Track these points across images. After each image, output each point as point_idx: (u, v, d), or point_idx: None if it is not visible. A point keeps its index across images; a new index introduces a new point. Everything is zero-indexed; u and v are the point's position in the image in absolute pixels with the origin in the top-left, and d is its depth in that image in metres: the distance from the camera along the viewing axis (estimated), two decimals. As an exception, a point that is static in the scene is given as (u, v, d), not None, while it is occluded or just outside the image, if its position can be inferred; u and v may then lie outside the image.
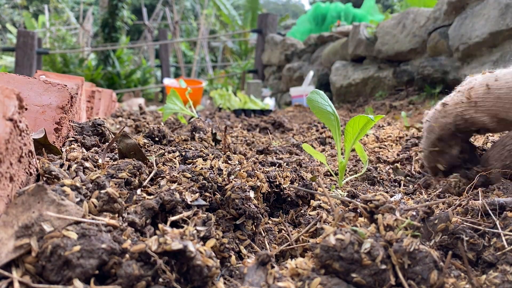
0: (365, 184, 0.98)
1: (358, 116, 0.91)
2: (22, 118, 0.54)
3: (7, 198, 0.49)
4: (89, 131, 1.00)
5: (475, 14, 2.73)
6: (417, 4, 4.24)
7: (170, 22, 11.10)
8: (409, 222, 0.55)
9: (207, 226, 0.59)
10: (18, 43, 5.54)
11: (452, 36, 2.94)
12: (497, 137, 1.20)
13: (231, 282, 0.54)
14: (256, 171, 0.79)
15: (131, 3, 11.08)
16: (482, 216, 0.69)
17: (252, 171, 0.79)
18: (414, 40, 3.37)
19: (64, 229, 0.48)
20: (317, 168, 1.11)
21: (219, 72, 10.53)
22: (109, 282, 0.46)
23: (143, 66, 9.23)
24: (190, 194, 0.65)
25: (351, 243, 0.50)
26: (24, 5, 13.96)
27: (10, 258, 0.44)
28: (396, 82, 3.64)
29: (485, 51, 2.66)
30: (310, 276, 0.50)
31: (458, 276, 0.56)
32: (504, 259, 0.58)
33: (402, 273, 0.49)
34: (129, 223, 0.55)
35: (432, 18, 3.24)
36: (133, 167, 0.68)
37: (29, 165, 0.58)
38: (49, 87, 0.93)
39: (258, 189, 0.74)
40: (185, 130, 1.54)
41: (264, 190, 0.77)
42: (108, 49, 7.82)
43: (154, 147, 1.00)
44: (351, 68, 4.11)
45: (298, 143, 1.48)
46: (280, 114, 3.45)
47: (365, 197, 0.60)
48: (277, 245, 0.70)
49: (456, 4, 2.96)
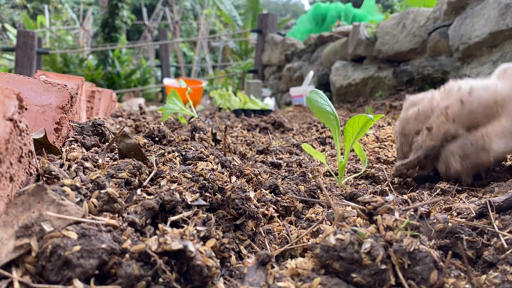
0: (364, 184, 0.98)
1: (357, 116, 0.91)
2: (22, 118, 0.54)
3: (7, 198, 0.49)
4: (89, 131, 1.00)
5: (475, 14, 2.73)
6: (417, 4, 4.24)
7: (170, 22, 11.10)
8: (408, 222, 0.55)
9: (207, 226, 0.59)
10: (18, 43, 5.54)
11: (452, 36, 2.94)
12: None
13: (231, 282, 0.54)
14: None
15: (131, 3, 11.08)
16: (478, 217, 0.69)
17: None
18: (414, 40, 3.37)
19: (64, 229, 0.48)
20: (317, 168, 1.11)
21: (219, 72, 10.53)
22: (109, 282, 0.46)
23: (143, 66, 9.23)
24: (190, 194, 0.65)
25: (351, 243, 0.50)
26: (24, 5, 13.95)
27: (10, 258, 0.44)
28: (396, 82, 3.64)
29: (485, 51, 2.66)
30: (310, 276, 0.50)
31: (458, 276, 0.56)
32: (504, 259, 0.58)
33: (402, 273, 0.50)
34: (129, 223, 0.55)
35: (432, 18, 3.24)
36: (133, 167, 0.68)
37: (29, 165, 0.58)
38: (49, 87, 0.93)
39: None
40: (185, 130, 1.54)
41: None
42: (108, 49, 7.82)
43: (154, 147, 1.01)
44: (351, 68, 4.11)
45: (298, 143, 1.48)
46: (280, 114, 3.45)
47: (363, 199, 0.60)
48: (277, 245, 0.70)
49: (456, 4, 2.96)
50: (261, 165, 1.10)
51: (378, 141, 1.48)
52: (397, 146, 1.11)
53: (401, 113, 1.17)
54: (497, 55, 2.54)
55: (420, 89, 3.38)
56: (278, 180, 0.93)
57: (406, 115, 1.12)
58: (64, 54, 7.74)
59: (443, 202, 0.83)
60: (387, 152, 1.32)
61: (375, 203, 0.59)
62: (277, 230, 0.73)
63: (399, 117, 1.15)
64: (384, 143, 1.43)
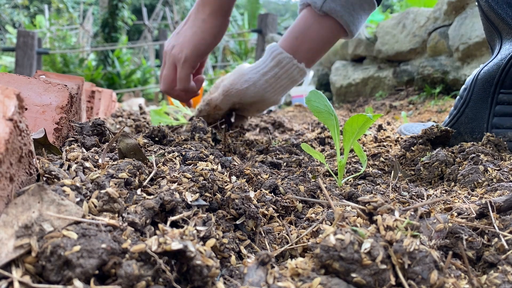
0: (364, 184, 0.99)
1: (356, 115, 0.91)
2: (22, 118, 0.54)
3: (7, 198, 0.49)
4: (89, 131, 1.00)
5: (475, 14, 2.73)
6: (417, 4, 4.24)
7: (170, 22, 11.09)
8: (408, 222, 0.55)
9: (207, 226, 0.59)
10: (18, 43, 5.54)
11: (452, 36, 2.94)
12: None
13: (231, 282, 0.54)
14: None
15: (131, 3, 11.07)
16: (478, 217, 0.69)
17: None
18: (414, 40, 3.37)
19: (64, 229, 0.48)
20: (317, 168, 1.11)
21: (219, 72, 10.52)
22: (109, 282, 0.46)
23: (143, 66, 9.23)
24: (190, 194, 0.65)
25: (351, 243, 0.50)
26: (26, 5, 13.94)
27: (10, 258, 0.44)
28: (396, 82, 3.64)
29: (485, 51, 2.66)
30: (310, 276, 0.50)
31: (458, 276, 0.56)
32: (505, 259, 0.58)
33: (402, 273, 0.50)
34: (129, 223, 0.55)
35: (432, 18, 3.24)
36: (133, 167, 0.68)
37: (29, 165, 0.58)
38: (49, 87, 0.93)
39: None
40: (185, 130, 1.54)
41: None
42: (107, 49, 7.82)
43: (154, 147, 1.01)
44: (351, 68, 4.11)
45: (298, 143, 1.48)
46: (280, 114, 3.45)
47: (363, 199, 0.60)
48: (277, 245, 0.70)
49: (456, 4, 2.96)
50: (261, 165, 1.10)
51: (377, 141, 1.48)
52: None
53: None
54: (497, 55, 2.53)
55: (420, 89, 3.38)
56: (278, 180, 0.93)
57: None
58: (64, 54, 7.74)
59: (443, 202, 0.83)
60: (386, 152, 1.32)
61: (375, 203, 0.59)
62: (277, 230, 0.73)
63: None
64: (383, 143, 1.43)
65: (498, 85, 1.22)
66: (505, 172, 0.97)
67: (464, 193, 0.91)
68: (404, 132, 1.54)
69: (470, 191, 0.93)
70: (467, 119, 1.30)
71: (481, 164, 1.01)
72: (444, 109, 2.71)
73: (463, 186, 0.97)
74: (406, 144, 1.30)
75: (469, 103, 1.29)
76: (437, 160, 1.11)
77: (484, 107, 1.26)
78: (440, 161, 1.10)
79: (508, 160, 1.08)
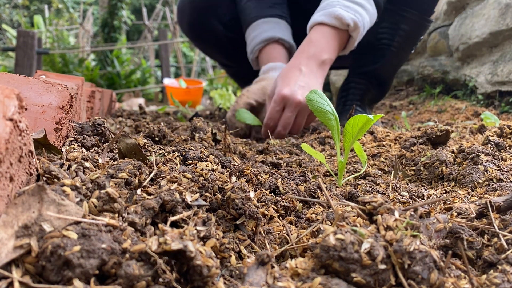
0: (364, 184, 0.99)
1: (357, 116, 0.91)
2: (22, 118, 0.54)
3: (7, 198, 0.49)
4: (89, 131, 1.00)
5: (475, 14, 2.73)
6: (417, 4, 4.23)
7: (170, 22, 11.09)
8: (408, 222, 0.55)
9: (207, 226, 0.59)
10: (18, 43, 5.53)
11: (452, 36, 2.94)
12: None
13: (231, 282, 0.54)
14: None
15: (131, 3, 11.08)
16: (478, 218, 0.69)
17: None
18: (414, 40, 3.36)
19: (64, 229, 0.48)
20: (317, 168, 1.11)
21: (219, 72, 10.51)
22: (109, 282, 0.46)
23: (143, 66, 9.22)
24: (190, 194, 0.65)
25: (351, 243, 0.50)
26: (26, 5, 13.93)
27: (10, 258, 0.44)
28: (396, 82, 3.64)
29: (485, 51, 2.66)
30: (310, 276, 0.50)
31: (458, 276, 0.56)
32: (504, 259, 0.58)
33: (402, 273, 0.50)
34: (129, 223, 0.55)
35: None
36: (133, 167, 0.68)
37: (29, 165, 0.58)
38: (49, 87, 0.93)
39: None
40: (185, 130, 1.54)
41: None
42: (107, 49, 7.82)
43: (154, 147, 1.01)
44: (351, 68, 4.10)
45: (298, 143, 1.48)
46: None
47: (363, 199, 0.60)
48: (277, 245, 0.70)
49: (456, 4, 2.97)
50: (261, 165, 1.10)
51: (376, 140, 1.48)
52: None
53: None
54: (497, 55, 2.54)
55: (420, 89, 3.38)
56: (278, 180, 0.93)
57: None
58: (63, 54, 7.73)
59: (443, 202, 0.83)
60: (386, 152, 1.32)
61: (375, 203, 0.59)
62: (277, 230, 0.73)
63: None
64: (382, 143, 1.43)
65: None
66: (505, 172, 0.97)
67: (464, 193, 0.92)
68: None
69: (470, 191, 0.93)
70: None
71: (481, 164, 1.01)
72: (444, 109, 2.71)
73: (463, 186, 0.97)
74: (406, 144, 1.30)
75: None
76: (437, 160, 1.11)
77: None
78: (440, 161, 1.10)
79: (508, 160, 1.08)
